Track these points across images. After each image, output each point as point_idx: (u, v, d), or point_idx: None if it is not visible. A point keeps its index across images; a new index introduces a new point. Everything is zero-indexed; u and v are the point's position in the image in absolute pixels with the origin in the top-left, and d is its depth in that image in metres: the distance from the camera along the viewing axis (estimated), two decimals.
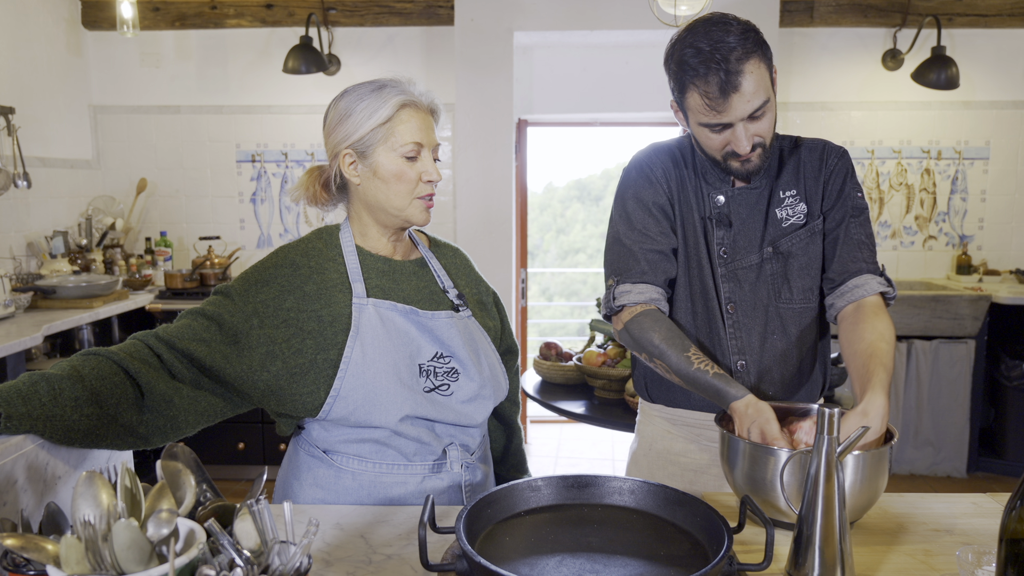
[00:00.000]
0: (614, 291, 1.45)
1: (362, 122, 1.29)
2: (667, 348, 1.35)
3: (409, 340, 1.33)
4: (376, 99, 1.29)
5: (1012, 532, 0.87)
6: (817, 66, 4.19)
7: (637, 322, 1.40)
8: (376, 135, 1.29)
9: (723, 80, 1.26)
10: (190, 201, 4.36)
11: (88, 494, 0.80)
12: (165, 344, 1.22)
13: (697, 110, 1.32)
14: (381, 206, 1.34)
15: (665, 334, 1.37)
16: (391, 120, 1.29)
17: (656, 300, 1.43)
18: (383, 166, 1.30)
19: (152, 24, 4.12)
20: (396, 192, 1.31)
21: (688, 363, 1.33)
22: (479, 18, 3.81)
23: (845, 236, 1.43)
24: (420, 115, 1.32)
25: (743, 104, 1.28)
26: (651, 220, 1.45)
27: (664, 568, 0.98)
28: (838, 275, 1.43)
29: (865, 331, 1.33)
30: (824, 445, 0.96)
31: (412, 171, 1.31)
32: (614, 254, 1.48)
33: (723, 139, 1.34)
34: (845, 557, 0.96)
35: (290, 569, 0.82)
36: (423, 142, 1.31)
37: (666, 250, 1.45)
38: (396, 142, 1.29)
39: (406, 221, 1.35)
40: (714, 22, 1.29)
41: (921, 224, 4.31)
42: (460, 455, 1.36)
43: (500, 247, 3.97)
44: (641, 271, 1.43)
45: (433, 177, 1.32)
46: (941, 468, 3.88)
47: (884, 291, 1.41)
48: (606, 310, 1.47)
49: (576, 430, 4.81)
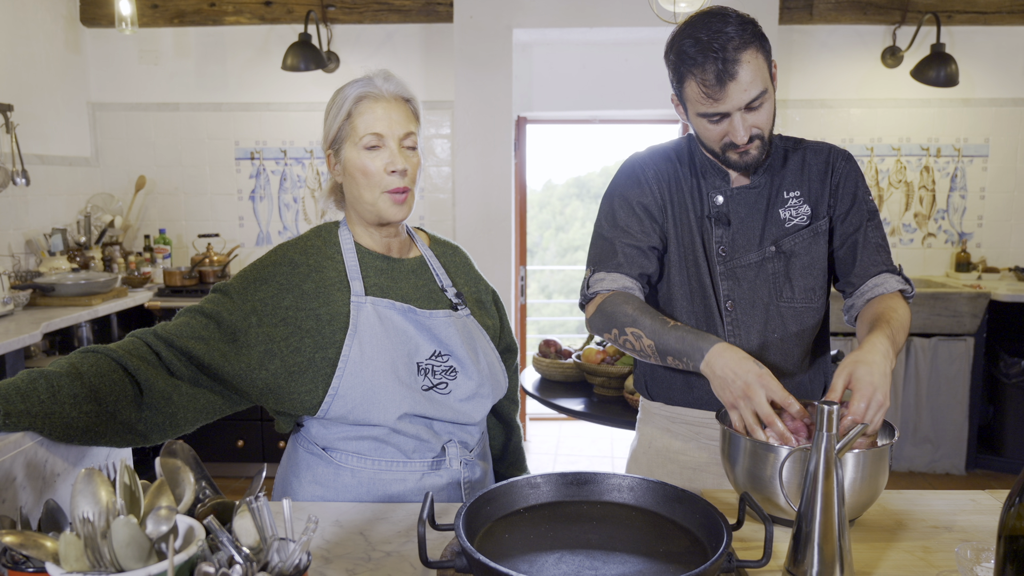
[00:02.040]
0: (589, 280, 1.48)
1: (332, 121, 1.33)
2: (641, 315, 1.36)
3: (407, 338, 1.33)
4: (339, 96, 1.32)
5: (1011, 529, 0.87)
6: (816, 63, 4.19)
7: (610, 300, 1.42)
8: (343, 132, 1.32)
9: (720, 69, 1.27)
10: (189, 198, 4.35)
11: (87, 491, 0.80)
12: (164, 342, 1.22)
13: (695, 100, 1.34)
14: (357, 201, 1.35)
15: (639, 306, 1.39)
16: (351, 114, 1.31)
17: (629, 288, 1.44)
18: (350, 161, 1.32)
19: (151, 21, 4.11)
20: (364, 187, 1.32)
21: (663, 323, 1.33)
22: (478, 15, 3.80)
23: (864, 241, 1.45)
24: (382, 105, 1.31)
25: (740, 93, 1.29)
26: (633, 219, 1.47)
27: (663, 565, 0.98)
28: (859, 279, 1.45)
29: (879, 306, 1.37)
30: (823, 442, 0.96)
31: (374, 163, 1.30)
32: (595, 248, 1.51)
33: (721, 130, 1.35)
34: (844, 554, 0.96)
35: (289, 566, 0.82)
36: (384, 132, 1.30)
37: (644, 247, 1.46)
38: (356, 135, 1.30)
39: (378, 217, 1.34)
40: (713, 14, 1.31)
41: (920, 222, 4.31)
42: (459, 452, 1.36)
43: (499, 245, 3.96)
44: (617, 263, 1.46)
45: (397, 167, 1.30)
46: (940, 465, 3.88)
47: (903, 288, 1.43)
48: (581, 298, 1.51)
49: (575, 427, 4.81)
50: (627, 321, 1.37)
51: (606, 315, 1.41)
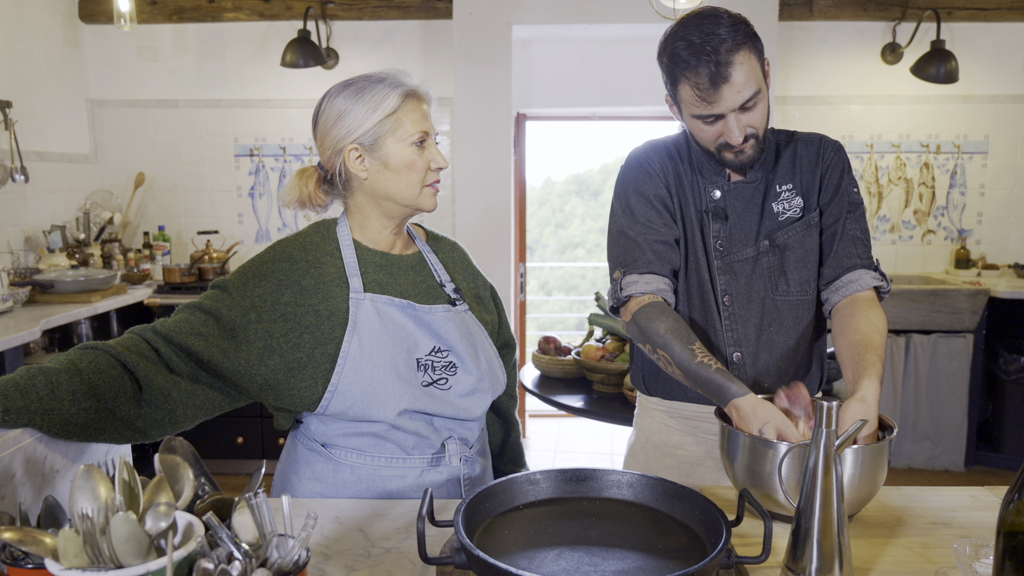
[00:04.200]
0: (620, 282, 1.45)
1: (367, 115, 1.29)
2: (672, 339, 1.35)
3: (407, 334, 1.33)
4: (380, 91, 1.30)
5: (1010, 525, 0.87)
6: (816, 60, 4.19)
7: (644, 312, 1.40)
8: (384, 127, 1.30)
9: (713, 72, 1.27)
10: (188, 195, 4.35)
11: (86, 487, 0.80)
12: (162, 338, 1.22)
13: (689, 102, 1.33)
14: (391, 196, 1.34)
15: (671, 325, 1.36)
16: (398, 111, 1.30)
17: (663, 291, 1.43)
18: (395, 156, 1.31)
19: (149, 18, 4.10)
20: (408, 181, 1.32)
21: (692, 356, 1.32)
22: (477, 12, 3.80)
23: (842, 232, 1.44)
24: (423, 105, 1.35)
25: (734, 95, 1.29)
26: (654, 212, 1.46)
27: (662, 561, 0.98)
28: (834, 271, 1.45)
29: (859, 322, 1.35)
30: (822, 438, 0.96)
31: (422, 159, 1.32)
32: (619, 247, 1.48)
33: (716, 131, 1.35)
34: (843, 550, 0.96)
35: (288, 562, 0.82)
36: (428, 131, 1.33)
37: (670, 240, 1.45)
38: (405, 132, 1.31)
39: (416, 209, 1.36)
40: (705, 15, 1.31)
41: (920, 218, 4.31)
42: (459, 449, 1.36)
43: (499, 241, 3.96)
44: (648, 261, 1.43)
45: (441, 164, 1.34)
46: (939, 462, 3.89)
47: (878, 285, 1.43)
48: (613, 301, 1.47)
49: (575, 424, 4.82)
50: (659, 342, 1.36)
51: (641, 329, 1.40)
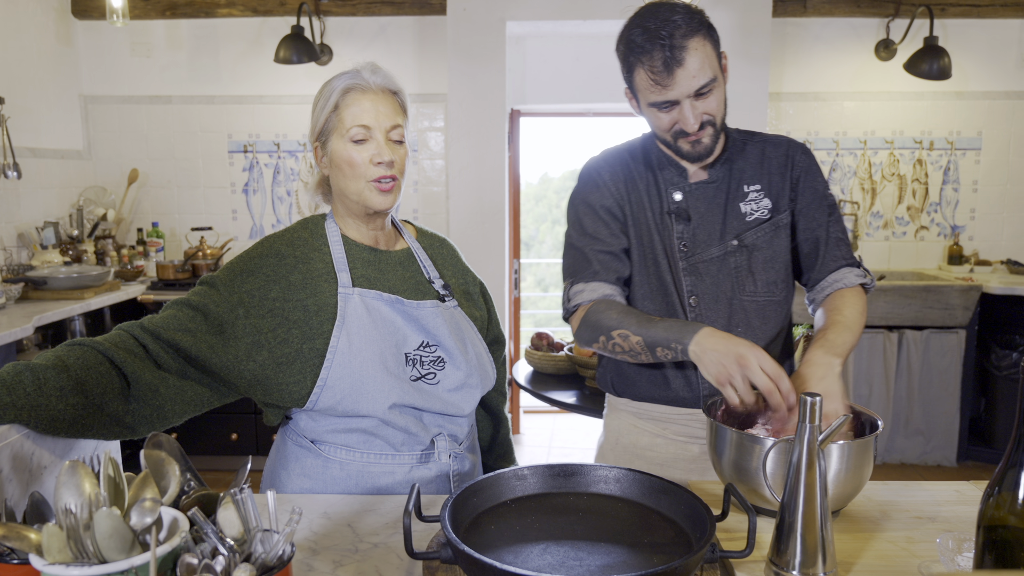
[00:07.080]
0: (569, 292, 1.48)
1: (319, 113, 1.34)
2: (625, 316, 1.37)
3: (395, 329, 1.33)
4: (327, 88, 1.33)
5: (990, 519, 0.88)
6: (810, 56, 4.19)
7: (595, 308, 1.43)
8: (330, 124, 1.32)
9: (668, 56, 1.29)
10: (182, 192, 4.34)
11: (71, 483, 0.80)
12: (150, 334, 1.22)
13: (644, 88, 1.35)
14: (343, 193, 1.35)
15: (622, 309, 1.40)
16: (338, 106, 1.32)
17: (610, 296, 1.45)
18: (336, 153, 1.32)
19: (142, 13, 4.09)
20: (351, 177, 1.32)
21: (649, 320, 1.35)
22: (471, 7, 3.79)
23: (826, 237, 1.47)
24: (369, 97, 1.32)
25: (688, 79, 1.31)
26: (600, 224, 1.48)
27: (647, 555, 0.98)
28: (820, 275, 1.48)
29: (838, 301, 1.42)
30: (806, 433, 0.96)
31: (361, 155, 1.31)
32: (569, 258, 1.51)
33: (671, 118, 1.37)
34: (827, 544, 0.96)
35: (272, 557, 0.82)
36: (371, 124, 1.31)
37: (616, 251, 1.47)
38: (343, 127, 1.31)
39: (365, 207, 1.34)
40: (660, 4, 1.34)
41: (913, 214, 4.32)
42: (448, 445, 1.36)
43: (493, 237, 3.96)
44: (593, 271, 1.46)
45: (383, 158, 1.31)
46: (931, 457, 3.90)
47: (863, 282, 1.46)
48: (564, 312, 1.50)
49: (569, 420, 4.83)
50: (613, 324, 1.38)
51: (591, 325, 1.42)
